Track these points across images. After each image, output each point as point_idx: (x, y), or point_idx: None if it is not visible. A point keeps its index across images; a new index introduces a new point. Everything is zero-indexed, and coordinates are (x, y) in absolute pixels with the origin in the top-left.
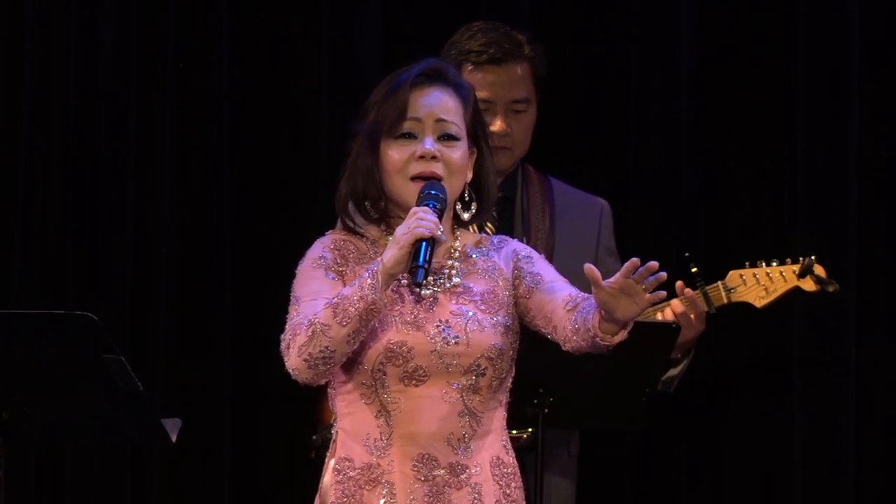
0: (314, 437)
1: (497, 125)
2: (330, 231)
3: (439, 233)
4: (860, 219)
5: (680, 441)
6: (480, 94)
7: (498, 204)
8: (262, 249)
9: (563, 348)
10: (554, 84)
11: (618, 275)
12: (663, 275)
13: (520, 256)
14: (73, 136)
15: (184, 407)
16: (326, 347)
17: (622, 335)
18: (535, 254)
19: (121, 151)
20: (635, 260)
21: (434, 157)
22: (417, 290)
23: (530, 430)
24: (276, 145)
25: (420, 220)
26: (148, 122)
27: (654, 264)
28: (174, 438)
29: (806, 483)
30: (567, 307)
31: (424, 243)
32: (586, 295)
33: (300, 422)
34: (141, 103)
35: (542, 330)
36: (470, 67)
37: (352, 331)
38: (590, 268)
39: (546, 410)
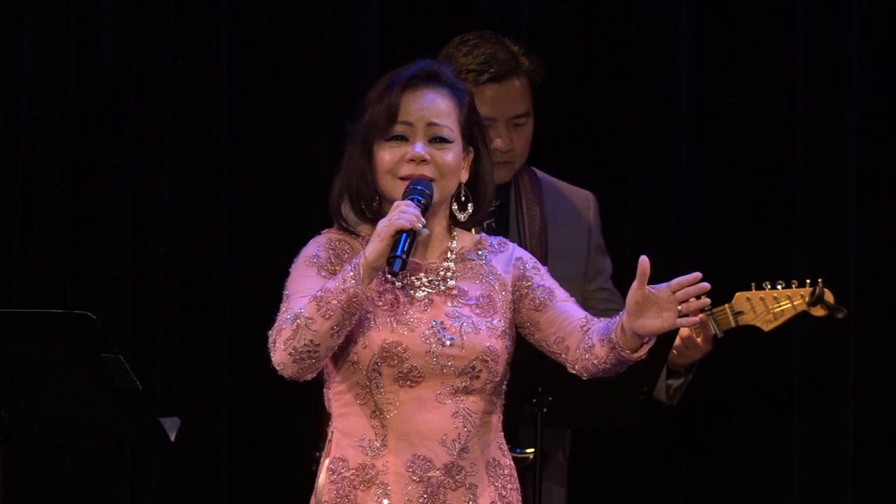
0: (317, 453)
1: (499, 143)
2: (325, 230)
3: (420, 225)
4: (860, 219)
5: (679, 446)
6: (481, 112)
7: None
8: (262, 250)
9: (571, 370)
10: (553, 85)
11: (668, 284)
12: (706, 285)
13: (526, 266)
14: (72, 136)
15: (183, 407)
16: (311, 341)
17: (642, 352)
18: (540, 265)
19: (120, 151)
20: (697, 274)
21: (424, 161)
22: (394, 280)
23: (532, 450)
24: (276, 145)
25: (402, 213)
26: (147, 122)
27: (705, 286)
28: (173, 438)
29: (806, 483)
30: (584, 329)
31: (404, 235)
32: (596, 318)
33: (299, 422)
34: (140, 103)
35: (550, 348)
36: (469, 86)
37: (335, 324)
38: (644, 260)
39: (545, 410)
